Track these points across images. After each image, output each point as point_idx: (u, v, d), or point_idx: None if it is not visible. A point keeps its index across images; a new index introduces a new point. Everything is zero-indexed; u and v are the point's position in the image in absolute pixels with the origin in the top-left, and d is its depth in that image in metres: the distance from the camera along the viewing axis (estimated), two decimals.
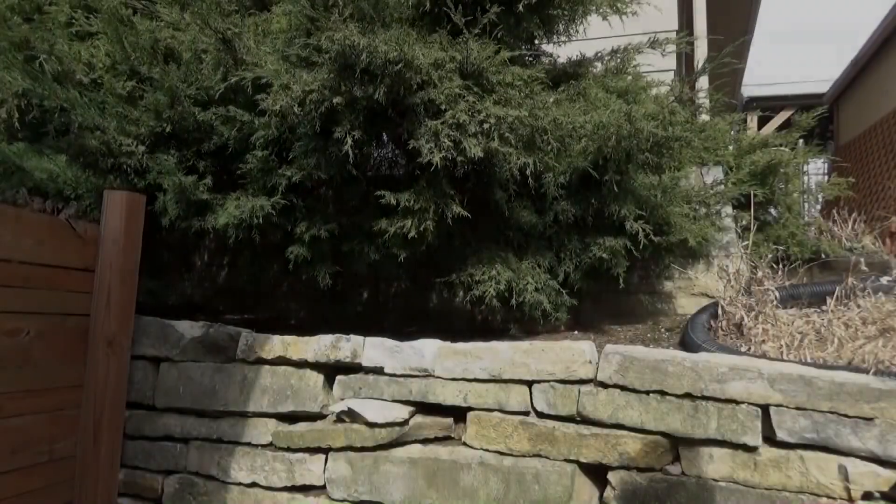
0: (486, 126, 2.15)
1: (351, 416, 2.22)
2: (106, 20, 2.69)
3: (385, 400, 2.26)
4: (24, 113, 2.48)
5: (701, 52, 5.32)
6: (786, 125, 7.29)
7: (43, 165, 2.70)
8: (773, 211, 4.31)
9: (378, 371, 2.27)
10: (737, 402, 1.96)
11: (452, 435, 2.27)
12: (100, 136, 2.45)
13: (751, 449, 1.95)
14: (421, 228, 2.30)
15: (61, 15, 2.92)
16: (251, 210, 2.40)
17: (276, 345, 2.35)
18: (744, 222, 3.96)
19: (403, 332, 2.66)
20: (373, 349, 2.28)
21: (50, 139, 2.65)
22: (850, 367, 2.26)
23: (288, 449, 2.29)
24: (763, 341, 2.66)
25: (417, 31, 2.33)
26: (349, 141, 2.23)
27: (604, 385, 2.07)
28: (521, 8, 2.41)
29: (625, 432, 2.02)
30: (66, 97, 2.43)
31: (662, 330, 3.22)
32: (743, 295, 2.98)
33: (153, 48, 2.58)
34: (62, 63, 2.48)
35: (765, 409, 1.95)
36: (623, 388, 2.04)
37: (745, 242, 3.38)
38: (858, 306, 2.80)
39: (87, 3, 2.93)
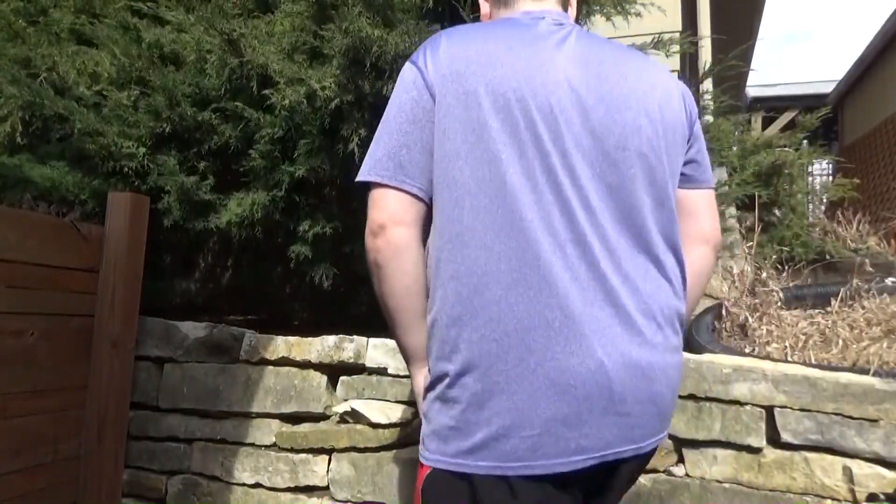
0: None
1: (354, 416, 2.22)
2: (111, 27, 2.70)
3: (388, 401, 2.26)
4: (27, 125, 2.49)
5: (705, 53, 5.31)
6: (790, 126, 7.28)
7: (45, 173, 2.71)
8: (777, 212, 4.30)
9: (381, 372, 2.27)
10: (741, 404, 1.95)
11: None
12: (100, 141, 2.46)
13: (755, 450, 1.94)
14: None
15: (66, 19, 2.93)
16: (252, 204, 2.40)
17: (280, 345, 2.35)
18: (748, 223, 3.95)
19: None
20: (376, 350, 2.28)
21: (52, 146, 2.66)
22: (854, 368, 2.25)
23: (291, 450, 2.29)
24: (767, 342, 2.66)
25: (427, 24, 2.33)
26: (356, 139, 2.23)
27: None
28: None
29: None
30: (64, 105, 2.43)
31: None
32: (747, 296, 2.97)
33: (158, 54, 2.58)
34: (61, 76, 2.49)
35: (769, 410, 1.94)
36: None
37: (750, 243, 3.37)
38: (863, 308, 2.79)
39: (92, 9, 2.94)
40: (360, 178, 1.04)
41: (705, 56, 5.22)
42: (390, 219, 1.00)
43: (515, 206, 0.92)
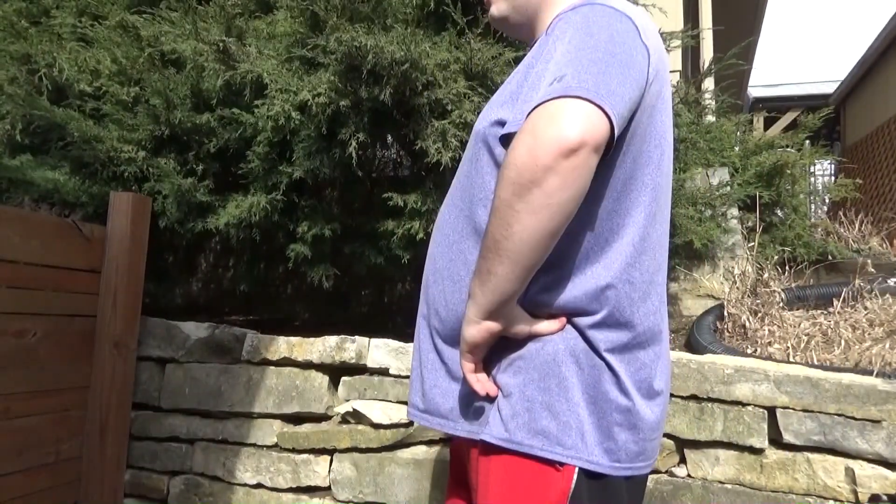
0: None
1: (356, 417, 2.22)
2: (110, 27, 2.71)
3: (390, 401, 2.26)
4: (28, 123, 2.49)
5: (707, 53, 5.31)
6: (792, 126, 7.27)
7: (47, 176, 2.72)
8: (779, 212, 4.30)
9: (383, 372, 2.27)
10: (743, 404, 1.95)
11: None
12: (99, 147, 2.46)
13: (757, 451, 1.94)
14: (429, 230, 2.30)
15: (67, 20, 2.94)
16: (250, 207, 2.40)
17: (282, 346, 2.35)
18: (750, 224, 3.95)
19: (408, 333, 2.66)
20: (378, 350, 2.28)
21: (53, 155, 2.66)
22: (857, 369, 2.25)
23: (293, 450, 2.30)
24: (769, 343, 2.65)
25: (424, 31, 2.33)
26: (353, 143, 2.23)
27: None
28: None
29: None
30: (62, 116, 2.43)
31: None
32: (749, 296, 2.97)
33: (158, 56, 2.59)
34: (60, 72, 2.49)
35: (771, 410, 1.94)
36: None
37: (751, 244, 3.37)
38: (865, 308, 2.79)
39: (93, 11, 2.94)
40: (577, 92, 0.78)
41: (707, 56, 5.22)
42: (594, 139, 0.77)
43: (665, 221, 0.99)
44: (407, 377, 2.25)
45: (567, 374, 0.89)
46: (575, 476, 0.87)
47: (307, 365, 2.34)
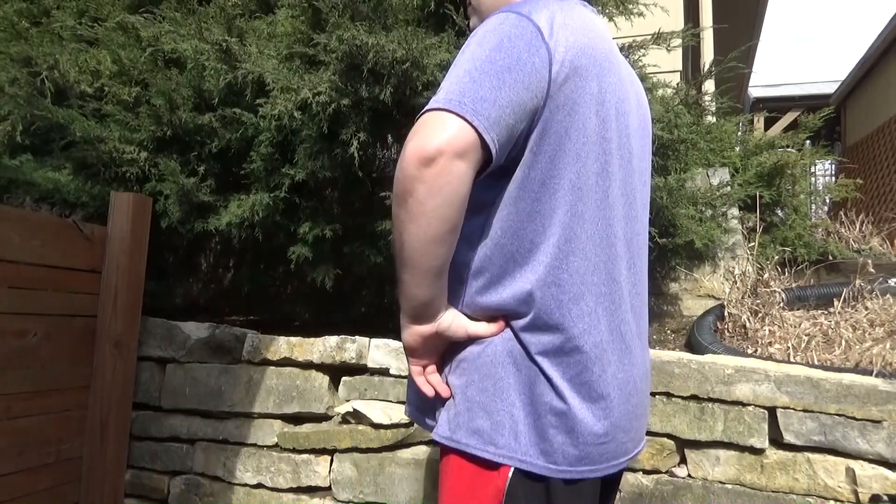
0: None
1: (356, 417, 2.22)
2: (111, 28, 2.71)
3: (390, 401, 2.26)
4: (29, 124, 2.49)
5: (707, 53, 5.31)
6: (792, 126, 7.27)
7: (48, 176, 2.72)
8: (779, 212, 4.29)
9: (383, 372, 2.27)
10: (743, 404, 1.95)
11: None
12: (101, 147, 2.46)
13: (757, 451, 1.94)
14: None
15: (68, 21, 2.94)
16: (252, 206, 2.40)
17: (282, 346, 2.35)
18: (750, 224, 3.95)
19: None
20: (378, 350, 2.28)
21: (55, 156, 2.67)
22: (857, 369, 2.25)
23: (293, 450, 2.30)
24: (770, 343, 2.65)
25: (424, 31, 2.34)
26: (355, 143, 2.23)
27: None
28: None
29: None
30: (64, 115, 2.43)
31: (668, 332, 3.21)
32: (749, 297, 2.97)
33: (161, 57, 2.59)
34: (62, 74, 2.49)
35: (772, 411, 1.94)
36: None
37: (752, 244, 3.36)
38: (866, 308, 2.79)
39: (92, 13, 2.95)
40: (441, 104, 0.83)
41: (707, 56, 5.22)
42: (451, 146, 0.81)
43: (612, 219, 0.95)
44: (406, 377, 2.25)
45: (503, 374, 0.92)
46: (510, 475, 0.90)
47: (307, 365, 2.34)
